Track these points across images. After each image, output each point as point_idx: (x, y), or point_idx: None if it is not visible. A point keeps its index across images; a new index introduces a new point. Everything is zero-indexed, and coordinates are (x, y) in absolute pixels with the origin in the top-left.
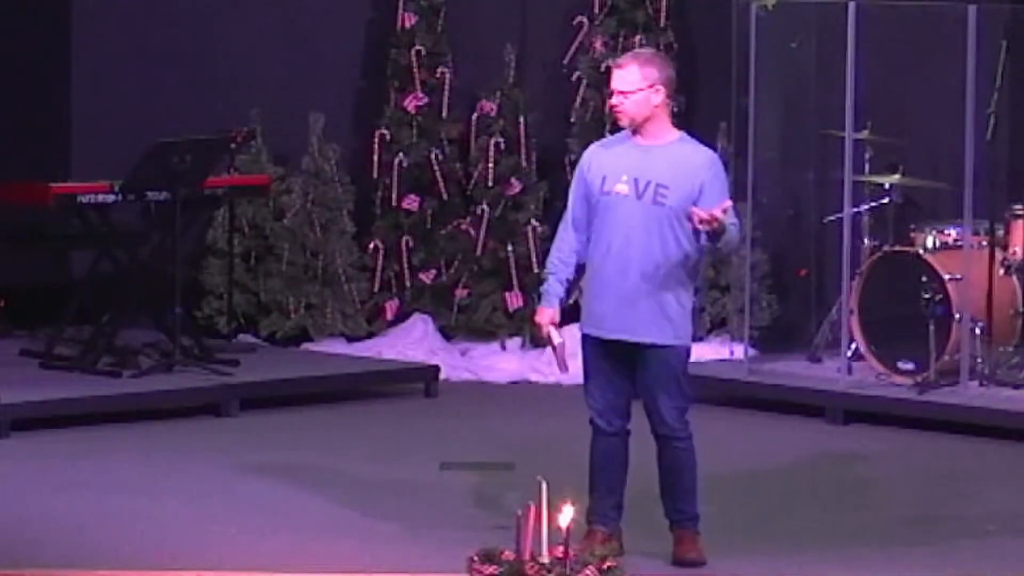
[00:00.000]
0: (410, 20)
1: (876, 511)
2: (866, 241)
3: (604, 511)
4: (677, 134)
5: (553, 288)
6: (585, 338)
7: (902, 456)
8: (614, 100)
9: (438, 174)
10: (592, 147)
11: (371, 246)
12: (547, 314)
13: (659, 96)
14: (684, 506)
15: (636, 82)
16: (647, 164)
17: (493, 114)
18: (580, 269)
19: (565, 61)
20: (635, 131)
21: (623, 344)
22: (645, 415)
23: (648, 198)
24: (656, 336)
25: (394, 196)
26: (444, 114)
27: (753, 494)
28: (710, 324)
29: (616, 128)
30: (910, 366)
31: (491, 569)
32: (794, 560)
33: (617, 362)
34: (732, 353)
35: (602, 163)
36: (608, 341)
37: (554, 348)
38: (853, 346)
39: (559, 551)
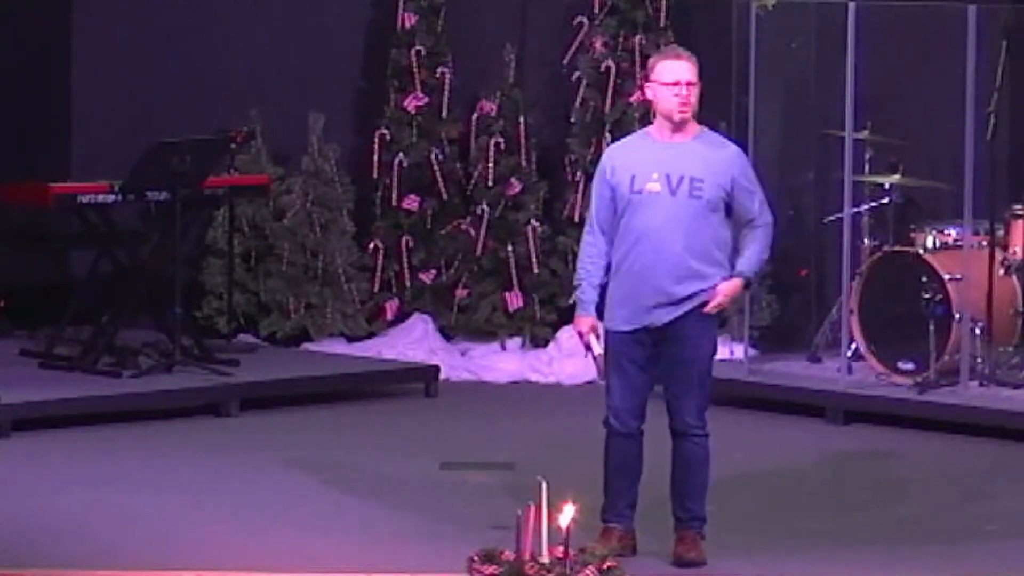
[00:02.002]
0: (410, 20)
1: (876, 511)
2: (866, 241)
3: (619, 510)
4: (698, 128)
5: (588, 295)
6: (610, 335)
7: (902, 456)
8: (684, 91)
9: (438, 174)
10: (610, 149)
11: (371, 246)
12: (586, 322)
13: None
14: (692, 505)
15: (696, 74)
16: (678, 159)
17: (493, 114)
18: (608, 271)
19: (565, 61)
20: (675, 127)
21: (651, 338)
22: (662, 412)
23: (683, 193)
24: (688, 328)
25: (394, 196)
26: (444, 114)
27: (753, 494)
28: None
29: (616, 127)
30: (910, 366)
31: (491, 569)
32: (794, 560)
33: (640, 359)
34: (732, 353)
35: (627, 163)
36: (634, 337)
37: (595, 357)
38: (853, 346)
39: (559, 551)
